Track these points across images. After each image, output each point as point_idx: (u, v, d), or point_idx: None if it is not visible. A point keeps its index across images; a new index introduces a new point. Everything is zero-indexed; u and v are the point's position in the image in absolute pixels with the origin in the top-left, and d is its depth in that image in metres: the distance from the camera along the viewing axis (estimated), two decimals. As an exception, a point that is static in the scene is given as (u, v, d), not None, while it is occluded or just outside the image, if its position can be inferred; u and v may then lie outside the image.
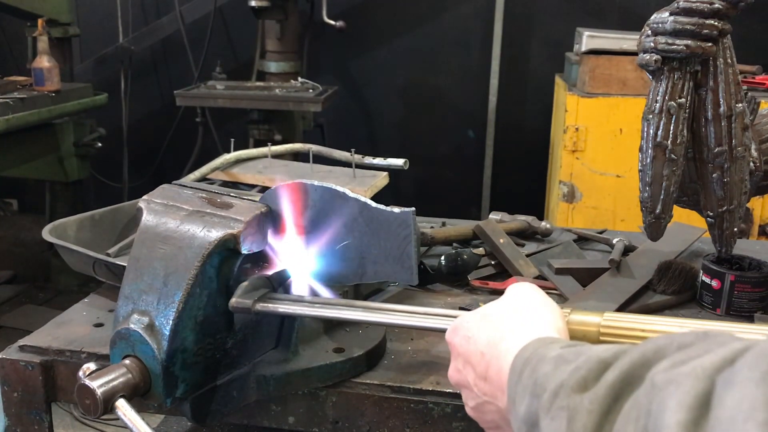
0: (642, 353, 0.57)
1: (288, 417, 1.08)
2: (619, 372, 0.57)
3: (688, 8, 1.19)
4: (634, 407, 0.53)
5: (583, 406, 0.57)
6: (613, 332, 0.78)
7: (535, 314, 0.79)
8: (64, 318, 1.26)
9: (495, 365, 0.75)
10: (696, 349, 0.54)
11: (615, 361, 0.58)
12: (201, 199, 1.01)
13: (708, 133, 1.25)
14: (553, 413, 0.59)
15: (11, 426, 1.15)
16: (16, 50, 4.29)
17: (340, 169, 1.83)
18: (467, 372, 0.80)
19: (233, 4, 4.12)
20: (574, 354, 0.64)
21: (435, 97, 4.37)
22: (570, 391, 0.59)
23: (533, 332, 0.74)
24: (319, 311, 0.99)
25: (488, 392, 0.76)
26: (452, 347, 0.84)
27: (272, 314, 0.99)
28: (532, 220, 1.69)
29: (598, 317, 0.80)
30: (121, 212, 1.56)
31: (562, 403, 0.59)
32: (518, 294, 0.84)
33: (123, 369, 0.91)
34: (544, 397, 0.61)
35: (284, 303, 0.98)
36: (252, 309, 0.96)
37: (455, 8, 4.22)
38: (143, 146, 4.56)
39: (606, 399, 0.56)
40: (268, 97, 3.62)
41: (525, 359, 0.68)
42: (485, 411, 0.78)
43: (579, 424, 0.56)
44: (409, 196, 4.39)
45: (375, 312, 0.96)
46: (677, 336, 0.57)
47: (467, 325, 0.82)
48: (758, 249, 1.61)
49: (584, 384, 0.58)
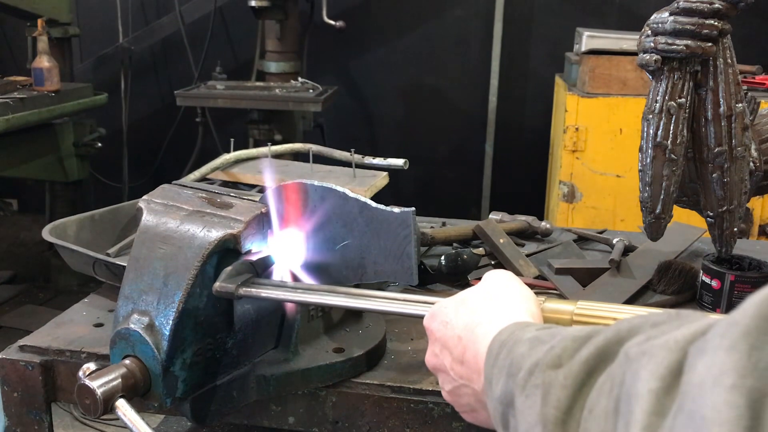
0: (616, 330, 0.58)
1: (288, 417, 1.08)
2: (594, 348, 0.58)
3: (688, 8, 1.19)
4: (607, 380, 0.54)
5: (558, 381, 0.58)
6: (586, 320, 0.80)
7: (512, 300, 0.81)
8: (64, 318, 1.26)
9: (472, 349, 0.76)
10: (669, 325, 0.55)
11: (589, 339, 0.60)
12: (201, 199, 1.01)
13: (708, 133, 1.25)
14: (528, 390, 0.61)
15: (11, 426, 1.15)
16: (16, 50, 4.29)
17: (340, 169, 1.83)
18: (444, 356, 0.81)
19: (233, 4, 4.12)
20: (549, 335, 0.65)
21: (435, 97, 4.37)
22: (545, 367, 0.60)
23: (510, 317, 0.76)
24: (301, 296, 0.98)
25: (464, 375, 0.78)
26: (430, 333, 0.86)
27: (255, 298, 0.98)
28: (532, 220, 1.69)
29: (571, 305, 0.81)
30: (121, 212, 1.56)
31: (537, 381, 0.60)
32: (495, 280, 0.85)
33: (123, 369, 0.91)
34: (519, 376, 0.63)
35: (267, 288, 0.98)
36: (235, 293, 0.95)
37: (455, 8, 4.22)
38: (143, 146, 4.57)
39: (580, 374, 0.57)
40: (268, 97, 3.62)
41: (501, 342, 0.70)
42: (461, 394, 0.80)
43: (553, 398, 0.57)
44: (409, 196, 4.39)
45: (355, 298, 0.96)
46: (651, 315, 0.58)
47: (445, 310, 0.84)
48: (758, 249, 1.61)
49: (558, 361, 0.60)
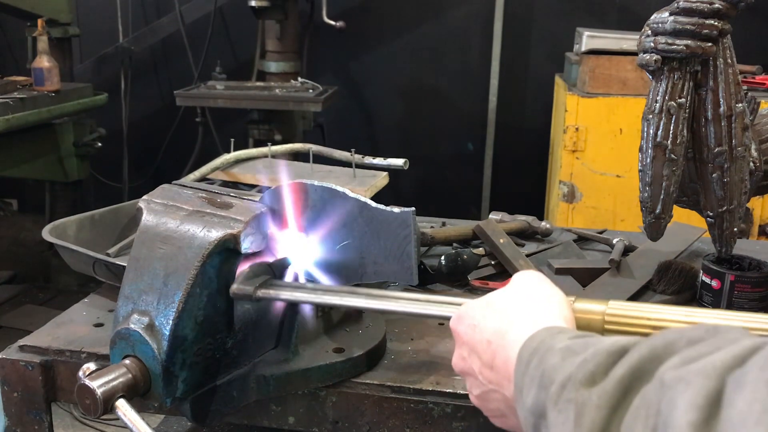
0: (651, 348, 0.57)
1: (288, 417, 1.08)
2: (628, 366, 0.56)
3: (688, 8, 1.19)
4: (642, 405, 0.53)
5: (592, 401, 0.56)
6: (618, 320, 0.78)
7: (542, 303, 0.78)
8: (64, 318, 1.25)
9: (502, 354, 0.74)
10: (706, 345, 0.54)
11: (624, 355, 0.58)
12: (201, 199, 1.01)
13: (708, 133, 1.25)
14: (560, 406, 0.59)
15: (11, 426, 1.15)
16: (16, 50, 4.29)
17: (340, 169, 1.83)
18: (472, 360, 0.80)
19: (233, 4, 4.12)
20: (582, 346, 0.63)
21: (435, 97, 4.37)
22: (578, 384, 0.58)
23: (540, 321, 0.74)
24: (321, 298, 0.98)
25: (494, 381, 0.76)
26: (457, 335, 0.84)
27: (274, 300, 0.99)
28: (532, 220, 1.69)
29: (602, 305, 0.80)
30: (121, 212, 1.56)
31: (570, 396, 0.58)
32: (524, 282, 0.83)
33: (123, 369, 0.91)
34: (551, 390, 0.61)
35: (286, 289, 0.98)
36: (253, 295, 0.95)
37: (455, 8, 4.22)
38: (143, 146, 4.57)
39: (614, 394, 0.56)
40: (268, 97, 3.62)
41: (533, 349, 0.68)
42: (490, 399, 0.78)
43: (587, 419, 0.56)
44: (409, 196, 4.39)
45: (378, 299, 0.95)
46: (687, 330, 0.57)
47: (472, 313, 0.82)
48: (758, 249, 1.61)
49: (592, 378, 0.58)
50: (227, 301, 0.98)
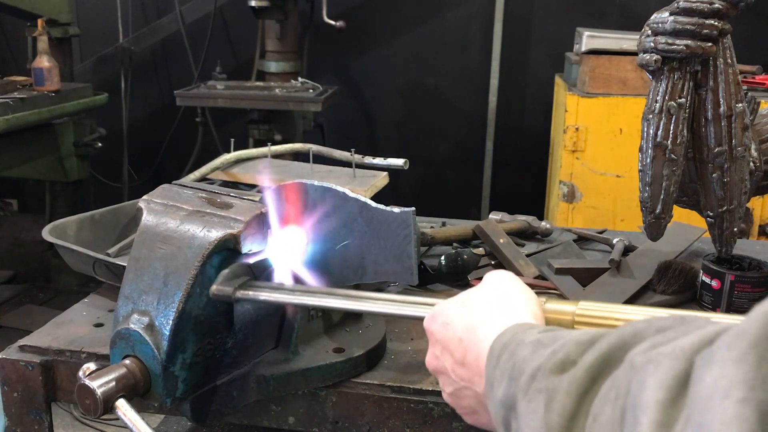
0: (620, 336, 0.58)
1: (288, 417, 1.08)
2: (598, 353, 0.57)
3: (688, 8, 1.19)
4: (612, 388, 0.54)
5: (561, 387, 0.57)
6: (588, 321, 0.79)
7: (513, 301, 0.80)
8: (64, 318, 1.25)
9: (473, 351, 0.76)
10: (674, 331, 0.54)
11: (593, 344, 0.59)
12: (201, 199, 1.01)
13: (708, 133, 1.25)
14: (530, 395, 0.60)
15: (11, 426, 1.15)
16: (16, 50, 4.29)
17: (340, 169, 1.83)
18: (445, 358, 0.81)
19: (233, 4, 4.12)
20: (551, 338, 0.64)
21: (435, 97, 4.37)
22: (548, 373, 0.59)
23: (511, 318, 0.75)
24: (299, 299, 0.97)
25: (465, 377, 0.77)
26: (430, 334, 0.85)
27: (252, 301, 0.98)
28: (532, 220, 1.69)
29: (573, 306, 0.81)
30: (121, 212, 1.56)
31: (540, 385, 0.59)
32: (496, 281, 0.84)
33: (123, 369, 0.91)
34: (521, 380, 0.62)
35: (265, 290, 0.97)
36: (233, 296, 0.95)
37: (455, 9, 4.22)
38: (143, 146, 4.56)
39: (584, 380, 0.56)
40: (268, 97, 3.62)
41: (503, 344, 0.69)
42: (462, 396, 0.79)
43: (557, 405, 0.56)
44: (409, 196, 4.39)
45: (354, 300, 0.95)
46: (655, 320, 0.58)
47: (445, 312, 0.83)
48: (758, 249, 1.61)
49: (562, 366, 0.59)
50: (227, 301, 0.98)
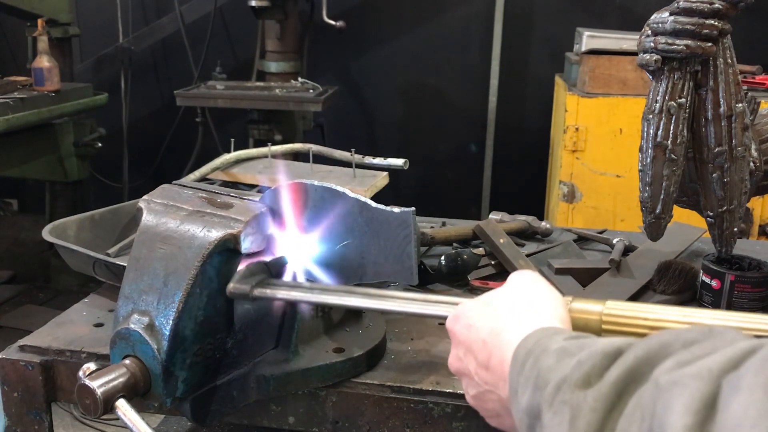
0: (646, 349, 0.57)
1: (288, 417, 1.08)
2: (623, 368, 0.56)
3: (688, 8, 1.19)
4: (638, 407, 0.53)
5: (587, 403, 0.56)
6: (615, 320, 0.77)
7: (538, 303, 0.78)
8: (64, 318, 1.25)
9: (497, 355, 0.74)
10: (701, 347, 0.54)
11: (619, 357, 0.58)
12: (201, 199, 1.01)
13: (708, 133, 1.25)
14: (555, 407, 0.59)
15: (11, 426, 1.15)
16: (16, 50, 4.29)
17: (340, 169, 1.83)
18: (468, 361, 0.79)
19: (233, 4, 4.12)
20: (577, 347, 0.63)
21: (435, 97, 4.37)
22: (573, 386, 0.58)
23: (536, 322, 0.74)
24: (318, 297, 0.97)
25: (490, 381, 0.76)
26: (453, 335, 0.83)
27: (270, 299, 0.98)
28: (532, 220, 1.69)
29: (600, 305, 0.79)
30: (121, 212, 1.56)
31: (565, 398, 0.58)
32: (521, 282, 0.83)
33: (123, 369, 0.91)
34: (546, 391, 0.61)
35: (283, 288, 0.97)
36: (250, 294, 0.95)
37: (455, 8, 4.22)
38: (143, 146, 4.56)
39: (609, 396, 0.56)
40: (268, 97, 3.62)
41: (528, 350, 0.68)
42: (486, 399, 0.78)
43: (582, 422, 0.56)
44: (409, 196, 4.39)
45: (375, 299, 0.95)
46: (682, 332, 0.57)
47: (469, 313, 0.81)
48: (758, 249, 1.61)
49: (587, 380, 0.58)
50: (227, 301, 0.98)
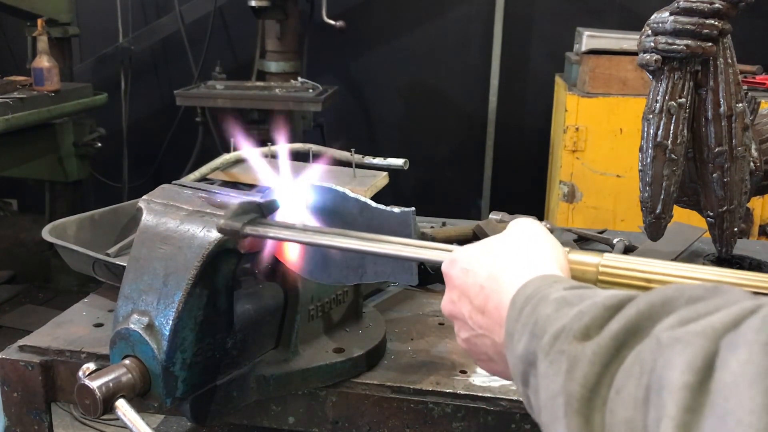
0: (649, 304, 0.55)
1: (288, 417, 1.08)
2: (624, 321, 0.55)
3: (688, 8, 1.19)
4: (636, 362, 0.52)
5: (585, 355, 0.56)
6: (613, 272, 0.75)
7: (538, 250, 0.77)
8: (64, 318, 1.25)
9: (494, 299, 0.73)
10: (705, 305, 0.52)
11: (620, 310, 0.57)
12: (201, 199, 1.01)
13: (708, 133, 1.25)
14: (552, 357, 0.58)
15: (11, 426, 1.15)
16: (16, 50, 4.29)
17: (340, 169, 1.83)
18: (462, 304, 0.78)
19: (233, 4, 4.12)
20: (577, 297, 0.62)
21: (435, 97, 4.37)
22: (572, 337, 0.58)
23: (536, 269, 0.73)
24: (310, 238, 0.93)
25: (484, 325, 0.75)
26: (448, 279, 0.82)
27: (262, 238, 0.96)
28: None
29: (597, 257, 0.77)
30: (121, 212, 1.56)
31: (563, 348, 0.58)
32: (521, 229, 0.81)
33: (123, 369, 0.91)
34: (544, 339, 0.60)
35: (274, 228, 0.94)
36: (241, 232, 0.92)
37: (455, 8, 4.22)
38: (143, 146, 4.56)
39: (608, 350, 0.55)
40: (268, 97, 3.62)
41: (526, 296, 0.67)
42: (478, 344, 0.77)
43: (579, 373, 0.55)
44: (409, 196, 4.39)
45: (368, 241, 0.91)
46: (687, 288, 0.55)
47: (466, 257, 0.80)
48: (758, 249, 1.61)
49: (587, 331, 0.57)
50: (227, 301, 0.98)
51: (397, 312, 1.30)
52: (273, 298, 1.06)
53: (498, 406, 1.03)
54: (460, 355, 1.14)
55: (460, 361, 1.12)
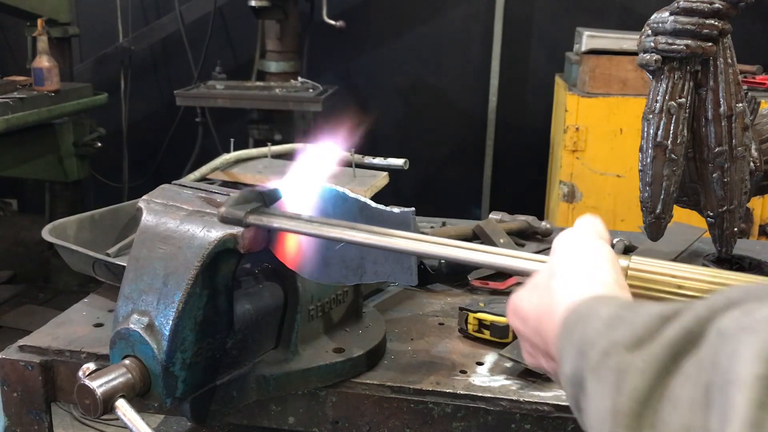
0: (709, 306, 0.49)
1: (288, 417, 1.07)
2: (681, 327, 0.49)
3: (688, 8, 1.19)
4: (694, 364, 0.46)
5: (635, 365, 0.49)
6: (641, 276, 0.71)
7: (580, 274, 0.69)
8: (64, 318, 1.25)
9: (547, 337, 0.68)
10: None
11: (676, 316, 0.50)
12: (201, 199, 1.01)
13: (708, 133, 1.25)
14: (600, 373, 0.52)
15: (11, 426, 1.15)
16: (16, 50, 4.29)
17: (340, 169, 1.83)
18: (535, 353, 0.75)
19: (233, 4, 4.12)
20: (630, 311, 0.56)
21: (435, 97, 4.37)
22: (622, 349, 0.51)
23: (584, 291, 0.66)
24: (315, 229, 0.90)
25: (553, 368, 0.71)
26: (516, 331, 0.77)
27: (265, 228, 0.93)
28: (532, 220, 1.69)
29: (626, 261, 0.73)
30: (121, 212, 1.56)
31: (612, 364, 0.51)
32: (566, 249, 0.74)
33: (123, 369, 0.91)
34: (591, 356, 0.54)
35: (278, 218, 0.92)
36: (244, 220, 0.91)
37: (455, 8, 4.22)
38: (143, 146, 4.56)
39: (663, 358, 0.48)
40: (268, 97, 3.62)
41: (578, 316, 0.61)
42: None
43: (628, 386, 0.49)
44: (409, 196, 4.39)
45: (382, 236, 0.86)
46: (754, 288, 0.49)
47: (519, 303, 0.75)
48: (758, 249, 1.61)
49: (638, 341, 0.51)
50: (227, 301, 0.98)
51: (397, 312, 1.30)
52: (273, 298, 1.06)
53: (498, 406, 1.02)
54: (460, 355, 1.14)
55: (460, 361, 1.12)
